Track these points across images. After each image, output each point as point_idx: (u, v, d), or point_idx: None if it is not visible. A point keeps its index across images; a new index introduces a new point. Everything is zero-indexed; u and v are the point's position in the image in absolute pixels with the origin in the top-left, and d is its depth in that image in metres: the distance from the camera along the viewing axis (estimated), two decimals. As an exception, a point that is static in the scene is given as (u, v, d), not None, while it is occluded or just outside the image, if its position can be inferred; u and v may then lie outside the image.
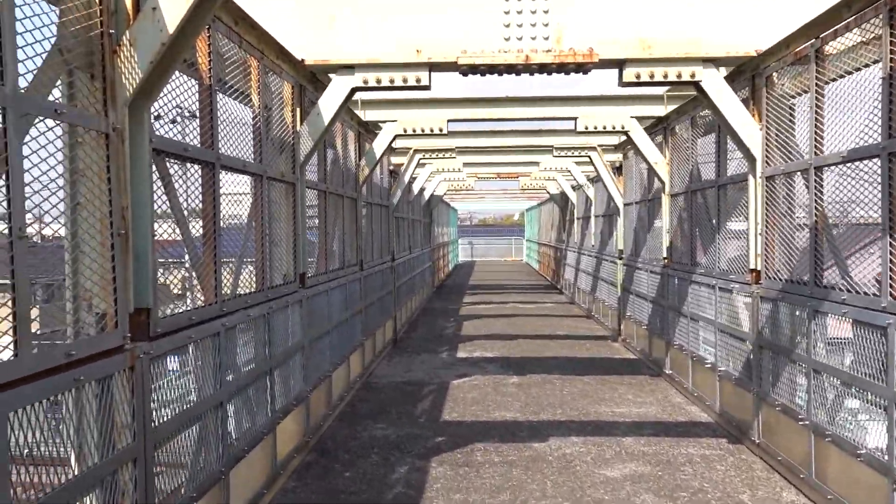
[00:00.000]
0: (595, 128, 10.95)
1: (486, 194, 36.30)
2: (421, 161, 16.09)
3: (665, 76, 7.16)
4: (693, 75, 7.17)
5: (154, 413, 4.15)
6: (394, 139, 11.31)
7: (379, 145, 11.34)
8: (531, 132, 14.90)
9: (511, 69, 7.25)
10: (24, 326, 3.00)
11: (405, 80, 7.26)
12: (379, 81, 7.29)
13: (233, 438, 5.46)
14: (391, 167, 15.81)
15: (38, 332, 3.65)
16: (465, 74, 7.43)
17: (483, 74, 7.44)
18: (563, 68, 7.25)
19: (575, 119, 10.96)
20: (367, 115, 11.31)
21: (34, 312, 3.30)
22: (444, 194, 26.66)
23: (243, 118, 6.12)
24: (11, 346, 2.94)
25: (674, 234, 10.75)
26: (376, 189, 13.42)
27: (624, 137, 13.65)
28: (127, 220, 3.88)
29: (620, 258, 14.76)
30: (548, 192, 26.07)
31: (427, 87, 7.41)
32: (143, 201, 4.04)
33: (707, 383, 9.03)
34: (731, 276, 8.11)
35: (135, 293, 3.95)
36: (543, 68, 7.23)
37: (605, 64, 7.25)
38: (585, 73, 7.48)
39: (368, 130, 11.94)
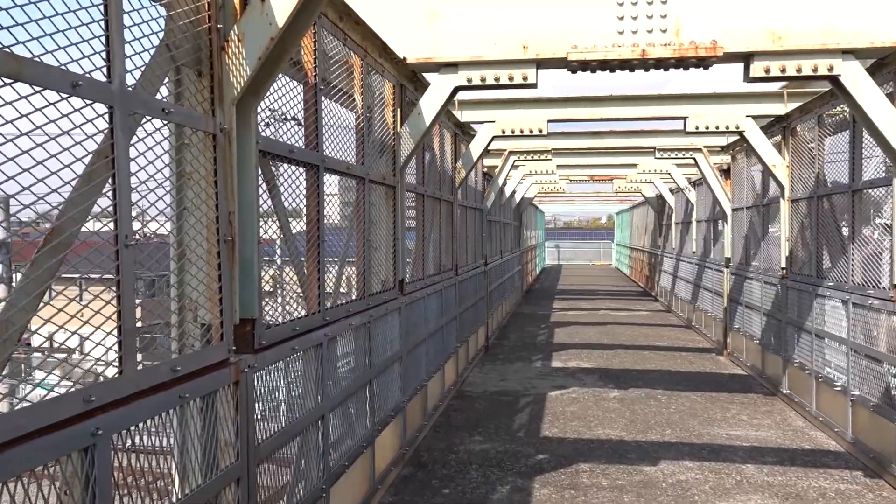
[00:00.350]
0: (706, 127, 10.26)
1: (575, 197, 35.47)
2: (515, 163, 15.67)
3: (798, 70, 6.51)
4: (831, 68, 6.49)
5: (257, 430, 3.93)
6: (491, 140, 10.95)
7: (476, 147, 11.01)
8: (632, 133, 14.25)
9: (625, 65, 6.76)
10: (129, 340, 2.79)
11: (511, 78, 6.89)
12: (483, 80, 6.94)
13: (334, 453, 5.21)
14: (484, 169, 15.48)
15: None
16: (573, 71, 7.00)
17: (593, 71, 6.98)
18: (682, 63, 6.69)
19: (685, 119, 10.29)
20: (464, 115, 11.00)
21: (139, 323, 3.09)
22: (534, 197, 26.12)
23: (346, 119, 5.89)
24: (116, 362, 2.73)
25: (794, 242, 9.93)
26: (470, 192, 13.11)
27: (734, 138, 12.87)
28: (234, 225, 3.66)
29: (727, 266, 13.91)
30: (643, 196, 25.15)
31: (533, 85, 7.01)
32: (249, 206, 3.81)
33: (836, 408, 8.23)
34: (869, 292, 7.33)
35: (240, 303, 3.73)
36: (661, 63, 6.70)
37: (730, 58, 6.65)
38: (706, 68, 6.90)
39: (464, 131, 11.63)
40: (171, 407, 3.09)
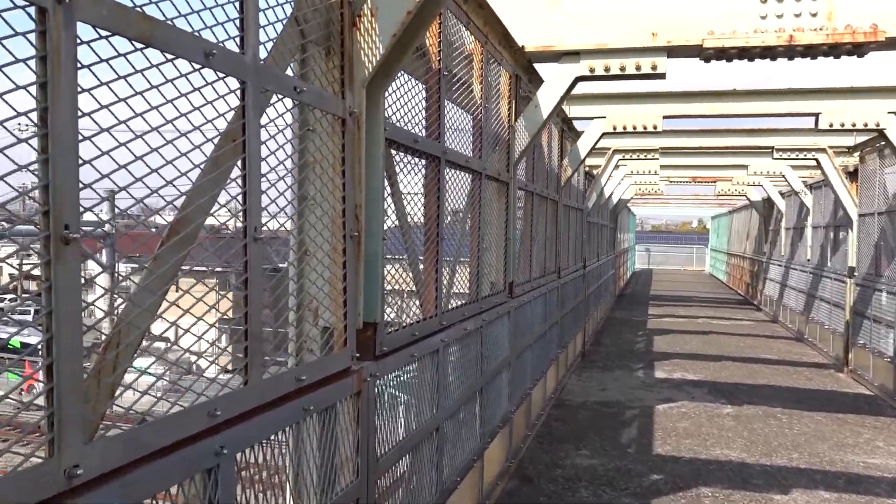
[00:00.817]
0: (841, 125, 9.36)
1: (671, 199, 34.12)
2: (619, 162, 14.98)
3: (976, 57, 5.70)
4: None
5: (377, 444, 3.59)
6: (600, 137, 10.38)
7: (584, 143, 10.46)
8: (747, 131, 13.33)
9: (768, 52, 6.12)
10: (255, 345, 2.47)
11: (638, 68, 6.36)
12: (607, 69, 6.44)
13: (447, 467, 4.84)
14: (585, 168, 14.86)
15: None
16: (707, 60, 6.41)
17: (730, 59, 6.36)
18: (834, 50, 6.00)
19: (817, 115, 9.42)
20: (571, 110, 10.47)
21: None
22: (630, 199, 25.18)
23: (463, 111, 5.52)
24: (242, 371, 2.42)
25: (941, 252, 8.95)
26: (573, 191, 12.55)
27: (863, 138, 11.84)
28: (360, 220, 3.33)
29: (851, 276, 12.83)
30: (747, 199, 23.80)
31: (662, 76, 6.46)
32: (375, 198, 3.47)
33: None
34: None
35: (364, 305, 3.39)
36: (810, 50, 6.02)
37: (893, 44, 5.92)
38: (860, 55, 6.17)
39: (570, 127, 11.10)
40: (294, 421, 2.77)
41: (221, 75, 2.31)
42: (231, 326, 2.64)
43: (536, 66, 7.34)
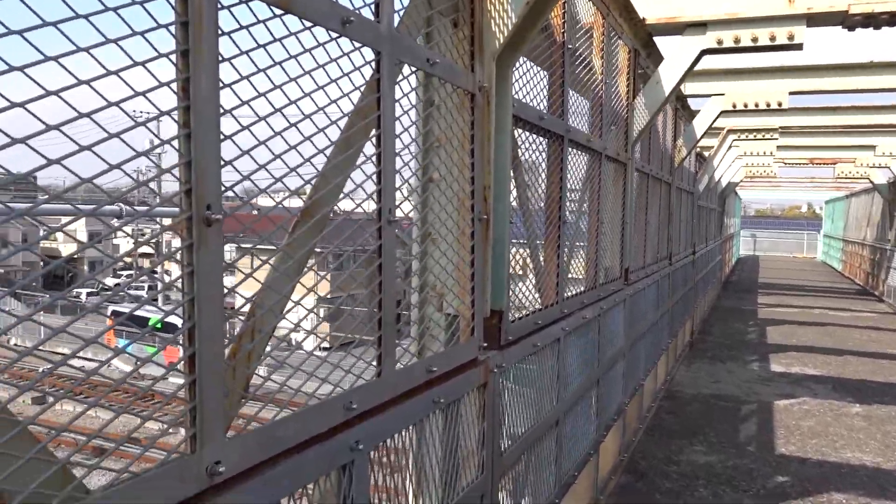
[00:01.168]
0: None
1: (782, 182, 32.29)
2: (733, 143, 14.19)
3: None
4: None
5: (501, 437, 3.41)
6: (718, 116, 9.79)
7: (700, 123, 9.90)
8: (879, 108, 12.30)
9: (925, 17, 5.51)
10: (388, 333, 2.33)
11: (772, 38, 5.88)
12: (737, 41, 5.98)
13: (565, 462, 4.63)
14: (697, 149, 14.15)
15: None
16: (851, 28, 5.86)
17: (878, 27, 5.79)
18: None
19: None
20: (686, 87, 9.91)
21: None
22: (739, 182, 23.96)
23: (583, 87, 5.22)
24: (375, 362, 2.28)
25: None
26: (684, 173, 11.96)
27: None
28: (489, 202, 3.13)
29: None
30: (871, 182, 22.17)
31: (799, 46, 5.96)
32: (503, 178, 3.27)
33: None
34: None
35: (492, 292, 3.21)
36: (978, 14, 5.39)
37: None
38: None
39: (684, 106, 10.53)
40: (424, 414, 2.61)
41: (357, 45, 2.15)
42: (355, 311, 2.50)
43: (657, 39, 6.92)
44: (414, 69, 2.56)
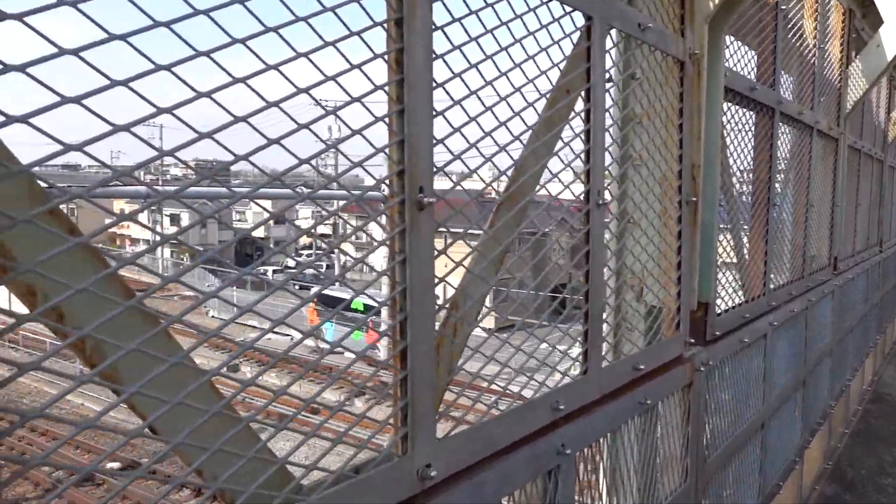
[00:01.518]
0: None
1: None
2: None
3: None
4: None
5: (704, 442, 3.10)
6: (945, 82, 8.55)
7: (921, 92, 8.71)
8: None
9: None
10: (595, 329, 2.12)
11: None
12: (983, -8, 5.11)
13: (769, 470, 4.20)
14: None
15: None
16: None
17: None
18: None
19: None
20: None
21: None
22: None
23: (793, 54, 4.67)
24: (581, 358, 2.09)
25: None
26: (894, 150, 10.62)
27: None
28: (697, 181, 2.82)
29: None
30: None
31: None
32: (712, 157, 2.94)
33: None
34: None
35: (699, 282, 2.90)
36: None
37: None
38: None
39: (900, 73, 9.30)
40: (630, 416, 2.39)
41: (567, 9, 1.95)
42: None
43: (881, -3, 6.10)
44: (623, 36, 2.31)
